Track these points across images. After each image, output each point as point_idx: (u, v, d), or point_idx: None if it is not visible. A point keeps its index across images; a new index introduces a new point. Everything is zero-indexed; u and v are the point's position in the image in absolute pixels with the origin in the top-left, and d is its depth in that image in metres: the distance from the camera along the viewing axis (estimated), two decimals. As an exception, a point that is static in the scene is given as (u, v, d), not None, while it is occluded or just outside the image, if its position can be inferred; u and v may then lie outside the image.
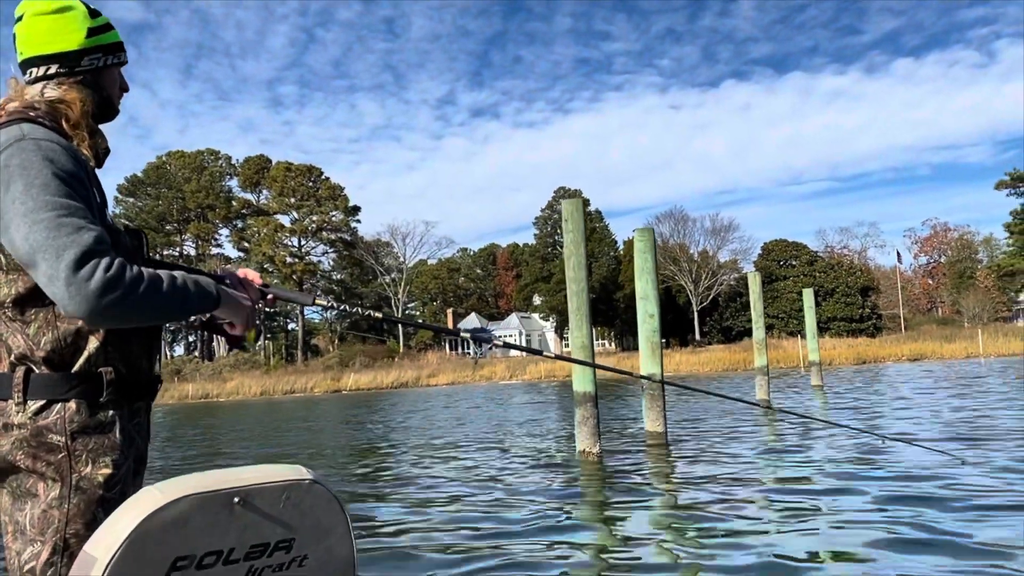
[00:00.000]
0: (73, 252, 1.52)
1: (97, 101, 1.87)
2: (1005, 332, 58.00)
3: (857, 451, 9.12)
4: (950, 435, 10.21)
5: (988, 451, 8.64)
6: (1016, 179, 64.79)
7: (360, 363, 67.42)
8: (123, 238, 1.80)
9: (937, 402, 16.03)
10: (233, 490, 1.56)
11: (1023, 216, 64.55)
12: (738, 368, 55.38)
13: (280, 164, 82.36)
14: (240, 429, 21.51)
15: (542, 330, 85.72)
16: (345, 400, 41.25)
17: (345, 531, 1.75)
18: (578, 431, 9.68)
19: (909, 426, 11.74)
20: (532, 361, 64.99)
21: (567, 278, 9.69)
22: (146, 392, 1.85)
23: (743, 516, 6.00)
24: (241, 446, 15.84)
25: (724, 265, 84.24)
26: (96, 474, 1.69)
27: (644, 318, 12.03)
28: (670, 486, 7.68)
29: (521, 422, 17.27)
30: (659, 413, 11.91)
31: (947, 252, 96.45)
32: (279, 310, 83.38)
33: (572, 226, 9.61)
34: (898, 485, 6.90)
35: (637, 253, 12.25)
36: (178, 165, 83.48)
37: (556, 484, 8.22)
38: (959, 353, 51.62)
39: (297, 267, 79.56)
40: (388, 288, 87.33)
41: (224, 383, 60.00)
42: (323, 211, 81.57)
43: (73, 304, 1.53)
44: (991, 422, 11.50)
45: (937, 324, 73.53)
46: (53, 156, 1.64)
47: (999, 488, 6.52)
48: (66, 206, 1.58)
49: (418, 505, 7.33)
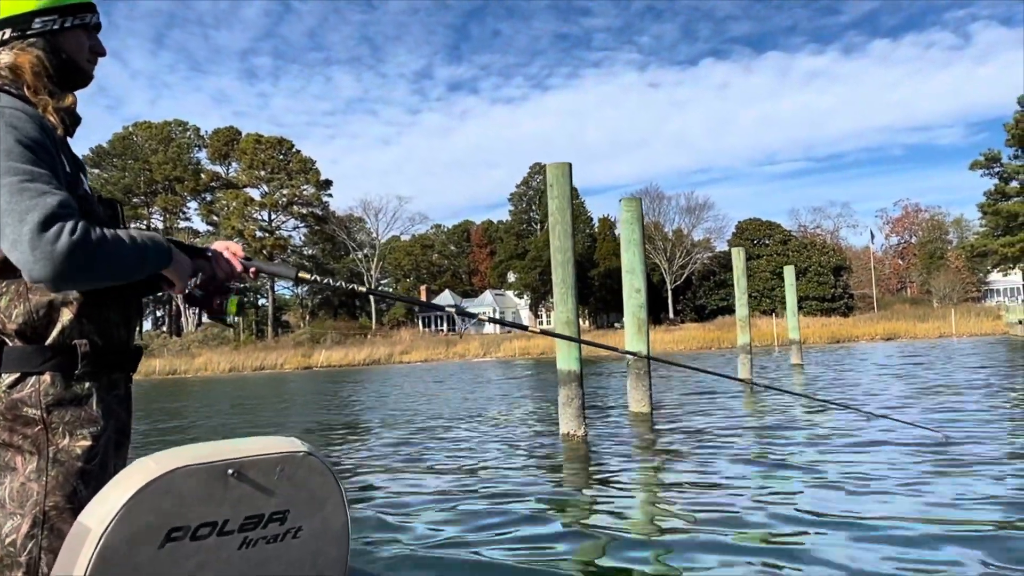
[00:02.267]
0: (36, 215, 1.51)
1: (56, 64, 1.81)
2: (977, 312, 58.42)
3: (843, 427, 9.01)
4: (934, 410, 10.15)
5: (970, 426, 8.76)
6: (991, 159, 64.91)
7: (332, 339, 66.69)
8: (97, 207, 1.80)
9: (914, 377, 15.69)
10: (227, 462, 1.56)
11: (997, 197, 64.73)
12: (712, 346, 55.33)
13: (250, 136, 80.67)
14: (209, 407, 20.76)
15: (516, 308, 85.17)
16: (317, 377, 40.54)
17: (339, 503, 1.74)
18: (562, 412, 9.06)
19: (893, 401, 11.32)
20: (506, 338, 64.58)
21: (552, 248, 9.04)
22: (125, 363, 1.83)
23: (734, 506, 5.59)
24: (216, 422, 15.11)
25: (698, 244, 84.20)
26: (74, 446, 1.68)
27: (630, 293, 11.41)
28: (659, 472, 7.20)
29: (499, 402, 16.71)
30: (644, 393, 11.35)
31: (918, 233, 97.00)
32: (249, 286, 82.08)
33: (557, 192, 8.93)
34: (885, 458, 6.97)
35: (623, 224, 11.60)
36: (145, 136, 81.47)
37: (540, 470, 7.66)
38: (932, 333, 52.15)
39: (267, 242, 78.14)
40: (360, 264, 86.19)
41: (192, 359, 59.18)
42: (294, 185, 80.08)
43: (38, 268, 1.51)
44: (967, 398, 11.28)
45: (910, 304, 73.96)
46: (17, 123, 1.62)
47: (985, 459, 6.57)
48: (29, 172, 1.57)
49: (394, 499, 6.72)
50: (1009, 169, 64.58)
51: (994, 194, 65.06)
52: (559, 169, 8.98)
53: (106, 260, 1.59)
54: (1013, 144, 63.02)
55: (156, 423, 16.00)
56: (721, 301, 78.42)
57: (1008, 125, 62.48)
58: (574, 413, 8.96)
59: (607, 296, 77.00)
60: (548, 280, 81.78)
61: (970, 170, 66.67)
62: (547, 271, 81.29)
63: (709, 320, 71.65)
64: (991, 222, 64.99)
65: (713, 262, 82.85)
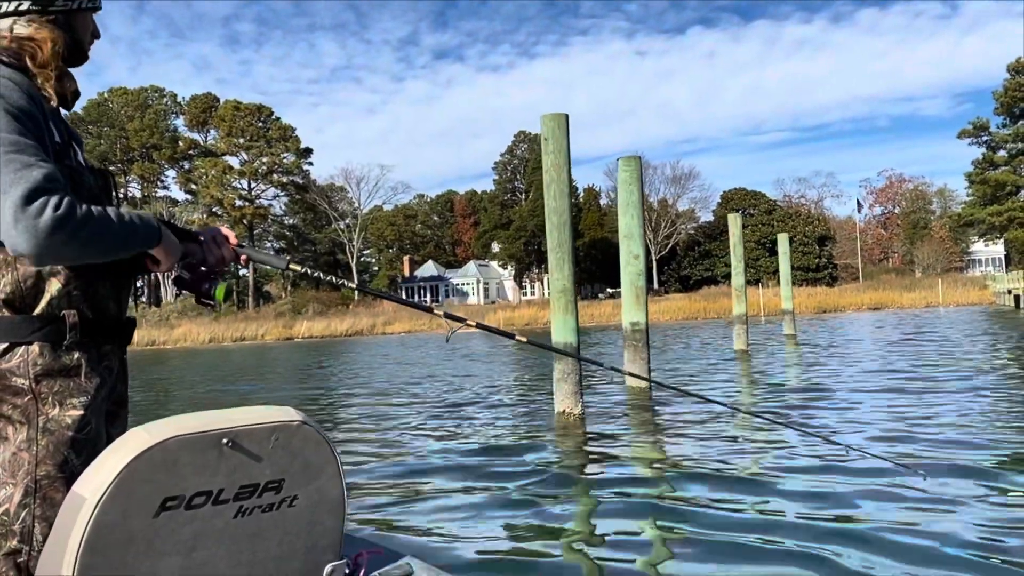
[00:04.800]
0: (21, 189, 1.49)
1: (68, 44, 1.82)
2: (964, 282, 58.20)
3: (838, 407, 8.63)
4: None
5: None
6: (979, 128, 64.41)
7: (313, 310, 65.80)
8: (87, 178, 1.78)
9: (916, 348, 15.12)
10: (222, 431, 1.56)
11: (985, 166, 64.29)
12: (698, 316, 54.84)
13: (228, 103, 78.94)
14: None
15: (500, 278, 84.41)
16: (299, 349, 39.70)
17: (335, 471, 1.74)
18: (557, 389, 8.30)
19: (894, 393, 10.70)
20: (490, 309, 63.87)
21: (547, 209, 8.22)
22: (116, 335, 1.83)
23: (740, 490, 5.18)
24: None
25: (682, 214, 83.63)
26: (64, 416, 1.69)
27: (628, 259, 10.65)
28: (664, 456, 6.53)
29: (488, 376, 15.99)
30: (643, 366, 10.65)
31: (901, 203, 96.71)
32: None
33: (554, 146, 8.08)
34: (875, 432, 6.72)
35: (621, 184, 10.82)
36: (120, 103, 79.60)
37: (535, 454, 6.94)
38: (919, 303, 52.01)
39: (247, 211, 76.75)
40: (343, 234, 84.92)
41: (172, 330, 58.27)
42: (274, 152, 78.50)
43: (20, 242, 1.50)
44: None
45: (896, 274, 73.79)
46: (4, 92, 1.61)
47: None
48: (15, 143, 1.55)
49: (389, 471, 6.44)
50: (997, 138, 64.22)
51: (982, 163, 64.69)
52: (555, 120, 8.11)
53: (90, 237, 1.56)
54: (1002, 112, 62.61)
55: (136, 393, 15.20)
56: (705, 271, 78.05)
57: (997, 93, 61.98)
58: (571, 389, 8.21)
59: (592, 267, 76.43)
60: (533, 250, 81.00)
61: (958, 139, 66.40)
62: (532, 241, 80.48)
63: (694, 290, 71.22)
64: (978, 191, 64.66)
65: (698, 232, 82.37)
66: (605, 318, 53.90)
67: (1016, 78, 60.49)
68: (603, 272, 75.97)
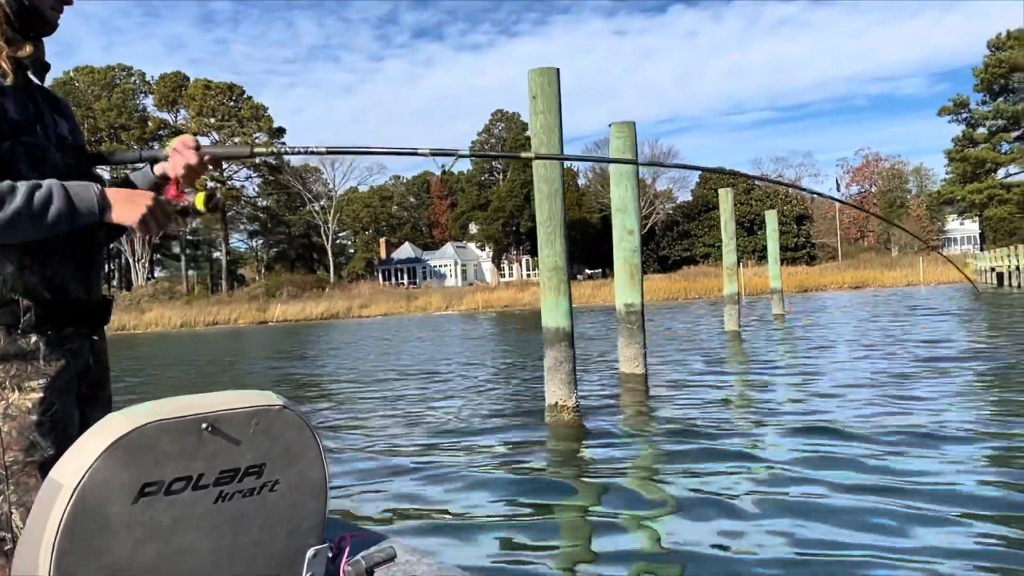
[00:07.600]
0: None
1: (16, 9, 1.71)
2: (944, 261, 58.01)
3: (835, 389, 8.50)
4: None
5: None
6: (959, 105, 64.03)
7: (288, 293, 64.60)
8: (52, 155, 1.72)
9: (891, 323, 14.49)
10: (201, 416, 1.54)
11: (964, 143, 63.99)
12: (679, 297, 54.31)
13: (199, 82, 77.09)
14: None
15: (478, 260, 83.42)
16: (272, 332, 38.65)
17: (316, 456, 1.72)
18: (549, 378, 7.41)
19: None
20: (468, 291, 62.92)
21: (535, 178, 7.30)
22: (82, 316, 1.77)
23: (740, 490, 4.84)
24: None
25: (660, 194, 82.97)
26: (24, 400, 1.65)
27: (622, 235, 9.80)
28: (665, 455, 6.04)
29: (471, 360, 15.13)
30: (638, 351, 9.82)
31: (878, 182, 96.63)
32: (202, 238, 79.11)
33: (544, 106, 7.13)
34: (877, 421, 6.58)
35: (615, 153, 9.92)
36: (87, 82, 77.40)
37: (525, 452, 6.17)
38: (900, 281, 51.99)
39: (219, 192, 75.07)
40: (318, 216, 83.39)
41: (142, 314, 56.77)
42: (245, 133, 76.71)
43: None
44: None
45: (875, 253, 73.65)
46: None
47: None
48: None
49: (372, 456, 6.32)
50: (977, 115, 63.91)
51: (962, 140, 64.37)
52: (544, 76, 7.14)
53: (6, 218, 1.52)
54: (982, 89, 62.25)
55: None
56: (684, 252, 77.57)
57: (977, 70, 61.60)
58: (564, 379, 7.33)
59: (571, 248, 75.61)
60: (511, 231, 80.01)
61: (938, 116, 65.97)
62: (510, 222, 79.45)
63: (673, 271, 70.69)
64: (957, 168, 64.34)
65: (677, 212, 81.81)
66: (585, 299, 53.16)
67: (996, 54, 60.12)
68: (581, 252, 75.24)
